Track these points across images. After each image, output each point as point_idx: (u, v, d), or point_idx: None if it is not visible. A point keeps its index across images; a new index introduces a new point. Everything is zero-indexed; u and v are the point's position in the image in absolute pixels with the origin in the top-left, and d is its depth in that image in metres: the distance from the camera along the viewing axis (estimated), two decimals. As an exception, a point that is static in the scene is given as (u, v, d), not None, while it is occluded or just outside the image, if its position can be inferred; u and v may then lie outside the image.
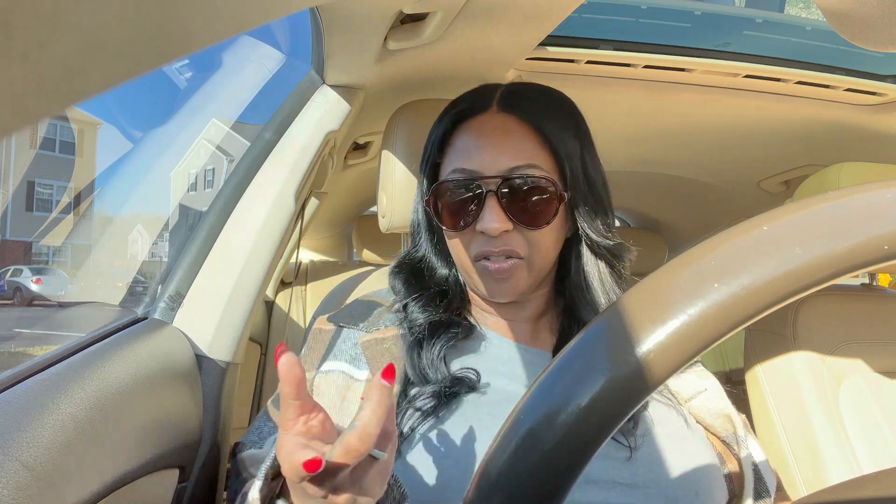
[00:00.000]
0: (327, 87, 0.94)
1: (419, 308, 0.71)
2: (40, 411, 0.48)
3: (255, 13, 0.19)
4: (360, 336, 0.71)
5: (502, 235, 0.65)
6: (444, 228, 0.70)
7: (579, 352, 0.25)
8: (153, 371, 0.67)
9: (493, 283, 0.67)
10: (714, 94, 1.07)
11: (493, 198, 0.64)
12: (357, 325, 0.72)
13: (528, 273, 0.67)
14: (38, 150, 12.71)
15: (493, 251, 0.65)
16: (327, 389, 0.67)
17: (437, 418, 0.61)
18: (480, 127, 0.68)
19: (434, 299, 0.72)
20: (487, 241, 0.65)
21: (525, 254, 0.66)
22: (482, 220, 0.64)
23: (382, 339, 0.69)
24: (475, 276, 0.68)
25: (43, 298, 7.85)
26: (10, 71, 0.12)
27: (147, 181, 1.37)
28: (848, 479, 0.29)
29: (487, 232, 0.64)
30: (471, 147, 0.67)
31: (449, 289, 0.74)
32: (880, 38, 0.46)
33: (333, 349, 0.72)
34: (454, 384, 0.63)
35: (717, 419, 0.69)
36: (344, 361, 0.69)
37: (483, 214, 0.64)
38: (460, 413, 0.62)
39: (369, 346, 0.69)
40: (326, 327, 0.75)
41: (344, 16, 0.74)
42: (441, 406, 0.62)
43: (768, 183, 1.52)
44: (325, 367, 0.70)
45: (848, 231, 0.23)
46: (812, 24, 1.01)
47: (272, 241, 0.87)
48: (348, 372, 0.68)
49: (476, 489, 0.25)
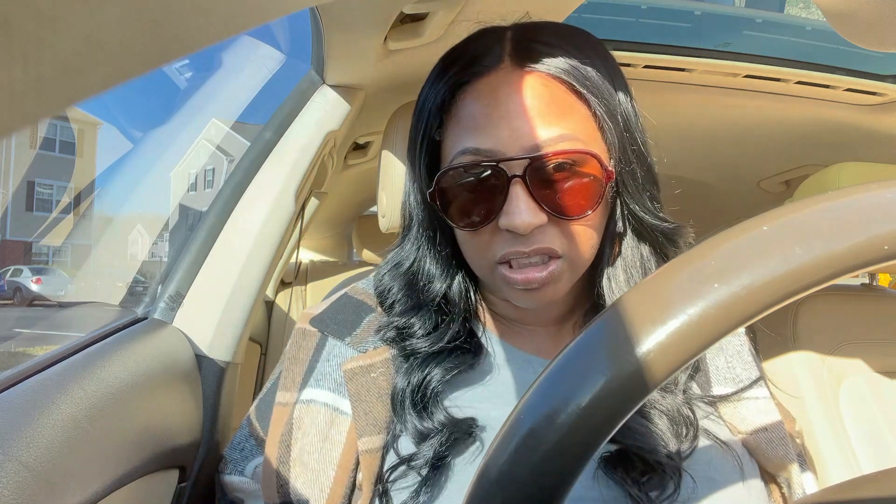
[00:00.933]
0: (327, 87, 0.94)
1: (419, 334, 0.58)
2: (40, 411, 0.48)
3: (255, 13, 0.19)
4: (345, 359, 0.60)
5: (533, 231, 0.50)
6: (454, 227, 0.56)
7: (579, 352, 0.25)
8: (153, 371, 0.67)
9: (522, 294, 0.53)
10: (714, 94, 1.07)
11: (520, 184, 0.50)
12: (343, 339, 0.61)
13: (569, 275, 0.54)
14: (38, 150, 12.71)
15: (522, 251, 0.51)
16: (310, 424, 0.59)
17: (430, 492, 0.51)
18: (492, 91, 0.52)
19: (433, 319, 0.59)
20: (513, 239, 0.51)
21: (564, 251, 0.52)
22: (507, 214, 0.50)
23: (370, 367, 0.58)
24: (500, 281, 0.54)
25: (43, 298, 7.84)
26: (10, 71, 0.12)
27: (147, 181, 1.37)
28: (848, 479, 0.29)
29: (515, 230, 0.50)
30: (482, 120, 0.52)
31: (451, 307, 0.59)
32: (880, 38, 0.46)
33: (316, 368, 0.62)
34: (450, 438, 0.52)
35: (769, 462, 0.58)
36: (327, 389, 0.60)
37: (508, 207, 0.50)
38: (455, 480, 0.52)
39: (353, 377, 0.58)
40: (310, 330, 0.64)
41: (344, 16, 0.74)
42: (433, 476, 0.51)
43: (768, 183, 1.52)
44: (306, 395, 0.61)
45: (848, 231, 0.23)
46: (812, 24, 1.01)
47: (272, 241, 0.87)
48: (332, 403, 0.59)
49: (476, 489, 0.25)
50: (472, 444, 0.53)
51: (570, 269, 0.54)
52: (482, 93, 0.53)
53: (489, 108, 0.52)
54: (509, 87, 0.52)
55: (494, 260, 0.53)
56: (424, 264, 0.60)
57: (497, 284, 0.55)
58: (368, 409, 0.57)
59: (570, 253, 0.53)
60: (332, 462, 0.57)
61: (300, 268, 1.77)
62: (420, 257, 0.61)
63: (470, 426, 0.53)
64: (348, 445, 0.57)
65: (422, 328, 0.58)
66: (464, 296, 0.60)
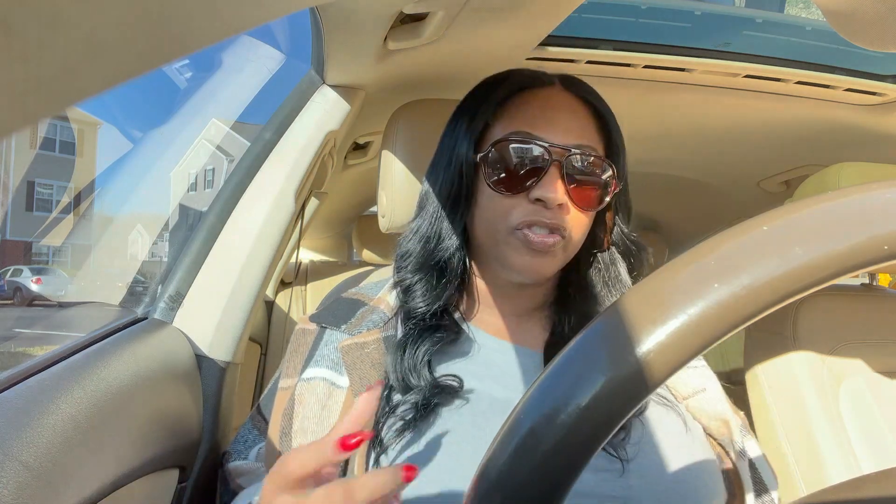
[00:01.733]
0: (327, 87, 0.94)
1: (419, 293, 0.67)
2: (40, 411, 0.48)
3: (255, 13, 0.19)
4: (341, 340, 0.68)
5: (554, 208, 0.63)
6: (488, 191, 0.65)
7: (579, 352, 0.25)
8: (153, 371, 0.68)
9: (529, 257, 0.64)
10: (714, 94, 1.07)
11: (558, 168, 0.63)
12: (339, 327, 0.70)
13: (563, 254, 0.66)
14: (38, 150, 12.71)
15: (544, 221, 0.62)
16: (309, 397, 0.65)
17: (415, 431, 0.59)
18: (547, 98, 0.67)
19: (431, 281, 0.68)
20: (539, 210, 0.63)
21: (566, 233, 0.64)
22: (542, 187, 0.62)
23: (363, 344, 0.67)
24: (508, 247, 0.64)
25: (43, 298, 7.84)
26: (10, 71, 0.12)
27: (147, 181, 1.37)
28: (848, 479, 0.29)
29: (547, 202, 0.62)
30: (536, 115, 0.65)
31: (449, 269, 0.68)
32: (880, 38, 0.46)
33: (315, 353, 0.69)
34: (435, 392, 0.60)
35: (713, 421, 0.68)
36: (325, 367, 0.67)
37: (544, 183, 0.62)
38: (440, 425, 0.59)
39: (349, 351, 0.66)
40: (309, 327, 0.72)
41: (344, 16, 0.74)
42: (420, 418, 0.59)
43: (768, 183, 1.52)
44: (307, 375, 0.67)
45: (848, 231, 0.23)
46: (812, 24, 1.01)
47: (272, 241, 0.87)
48: (330, 379, 0.66)
49: (475, 490, 0.25)
50: (456, 398, 0.61)
51: (563, 251, 0.65)
52: (538, 97, 0.67)
53: (543, 108, 0.66)
54: (560, 99, 0.67)
55: (513, 225, 0.63)
56: (441, 227, 0.69)
57: (511, 246, 0.64)
58: (363, 374, 0.64)
59: (571, 236, 0.65)
60: (329, 427, 0.62)
61: (300, 268, 1.77)
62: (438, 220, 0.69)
63: (454, 384, 0.62)
64: (344, 411, 0.63)
65: (421, 289, 0.68)
66: (461, 263, 0.69)
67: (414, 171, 0.86)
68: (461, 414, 0.60)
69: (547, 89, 0.68)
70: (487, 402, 0.62)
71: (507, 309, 0.71)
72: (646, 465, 0.60)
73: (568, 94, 0.67)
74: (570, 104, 0.67)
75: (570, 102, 0.67)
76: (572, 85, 0.69)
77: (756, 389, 1.15)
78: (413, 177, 0.87)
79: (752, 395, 1.17)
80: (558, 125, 0.64)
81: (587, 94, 0.68)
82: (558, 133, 0.64)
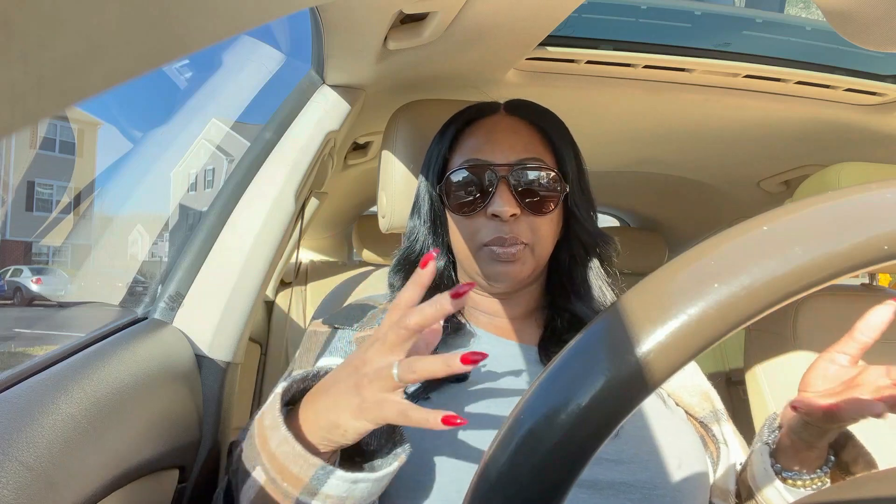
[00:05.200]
0: (327, 87, 0.94)
1: None
2: (40, 411, 0.48)
3: (255, 13, 0.19)
4: (355, 334, 0.73)
5: (510, 221, 0.69)
6: (453, 215, 0.74)
7: (579, 352, 0.25)
8: (153, 371, 0.67)
9: (499, 266, 0.70)
10: (714, 94, 1.07)
11: (505, 183, 0.70)
12: (351, 326, 0.75)
13: (531, 258, 0.71)
14: (38, 150, 12.71)
15: (503, 237, 0.69)
16: None
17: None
18: (491, 126, 0.74)
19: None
20: (498, 227, 0.69)
21: (529, 241, 0.70)
22: (494, 203, 0.69)
23: None
24: (480, 261, 0.71)
25: (43, 298, 7.84)
26: (10, 71, 0.12)
27: (147, 181, 1.37)
28: (848, 479, 0.29)
29: (500, 215, 0.68)
30: (482, 141, 0.73)
31: (441, 281, 0.77)
32: (880, 38, 0.46)
33: (328, 347, 0.74)
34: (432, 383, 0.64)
35: (694, 397, 0.73)
36: (339, 357, 0.71)
37: (494, 199, 0.69)
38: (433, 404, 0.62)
39: (363, 341, 0.70)
40: (321, 329, 0.77)
41: (344, 16, 0.74)
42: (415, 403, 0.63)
43: (768, 183, 1.52)
44: (320, 363, 0.71)
45: (848, 231, 0.23)
46: (812, 24, 1.01)
47: (272, 241, 0.87)
48: None
49: (475, 490, 0.25)
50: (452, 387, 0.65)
51: (532, 256, 0.71)
52: (484, 126, 0.75)
53: (488, 135, 0.74)
54: (504, 123, 0.75)
55: (482, 242, 0.71)
56: (427, 244, 0.78)
57: (482, 260, 0.71)
58: None
59: (533, 243, 0.71)
60: None
61: (300, 268, 1.77)
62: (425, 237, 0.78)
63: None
64: None
65: None
66: (452, 276, 0.78)
67: (414, 171, 0.86)
68: (458, 402, 0.63)
69: (491, 117, 0.76)
70: (482, 392, 0.65)
71: (502, 312, 0.77)
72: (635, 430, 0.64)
73: (511, 118, 0.75)
74: (513, 126, 0.74)
75: (512, 124, 0.74)
76: (516, 109, 0.76)
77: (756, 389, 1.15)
78: (413, 177, 0.87)
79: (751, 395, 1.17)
80: (503, 145, 0.72)
81: (529, 115, 0.76)
82: (503, 152, 0.71)
